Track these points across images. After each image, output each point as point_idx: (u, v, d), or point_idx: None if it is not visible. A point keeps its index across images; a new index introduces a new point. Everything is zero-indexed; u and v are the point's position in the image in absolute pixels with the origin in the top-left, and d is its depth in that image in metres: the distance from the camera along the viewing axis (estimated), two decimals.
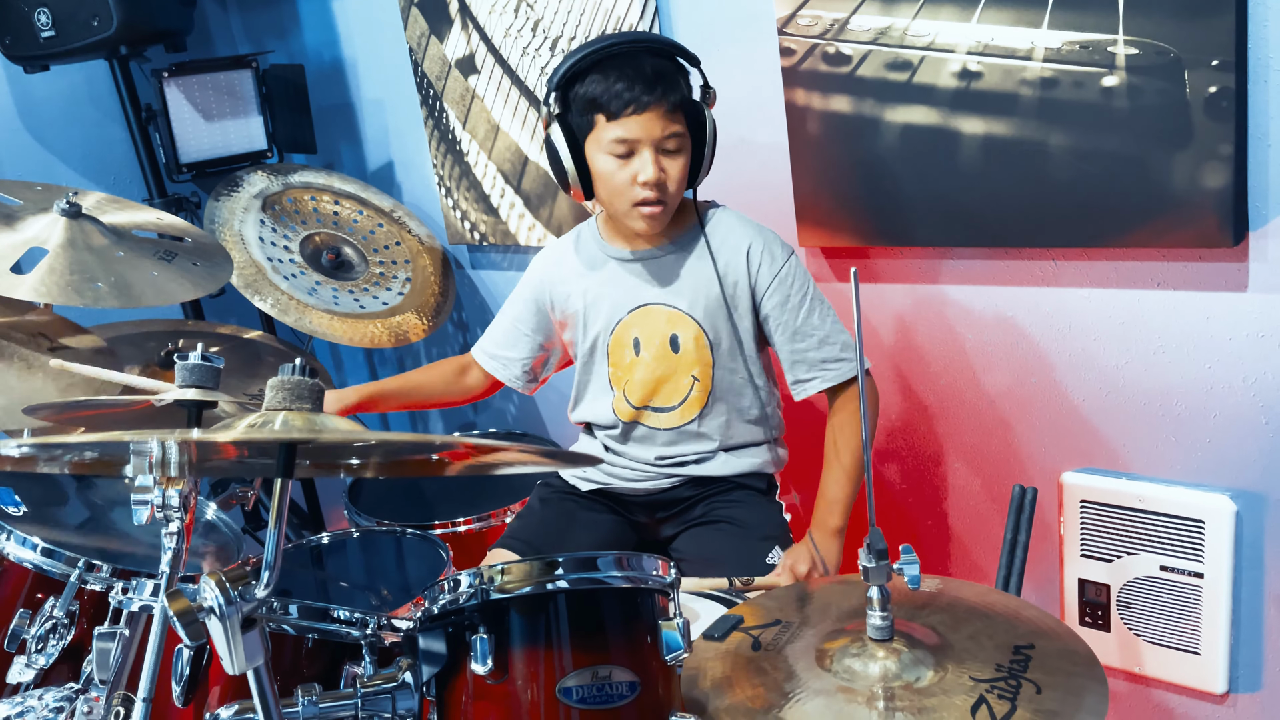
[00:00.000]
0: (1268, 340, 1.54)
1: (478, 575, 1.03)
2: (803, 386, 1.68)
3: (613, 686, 1.00)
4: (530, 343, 1.87)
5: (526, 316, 1.85)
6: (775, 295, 1.66)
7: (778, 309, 1.66)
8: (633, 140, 1.56)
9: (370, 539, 2.05)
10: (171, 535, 1.06)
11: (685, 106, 1.58)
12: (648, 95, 1.53)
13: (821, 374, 1.67)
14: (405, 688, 1.04)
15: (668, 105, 1.55)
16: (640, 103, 1.54)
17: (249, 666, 0.85)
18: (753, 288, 1.66)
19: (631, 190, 1.59)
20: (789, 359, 1.68)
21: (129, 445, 0.91)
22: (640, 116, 1.55)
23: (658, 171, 1.57)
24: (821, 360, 1.66)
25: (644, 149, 1.56)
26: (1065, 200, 1.61)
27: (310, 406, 0.85)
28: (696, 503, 1.76)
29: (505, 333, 1.89)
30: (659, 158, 1.57)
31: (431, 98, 2.52)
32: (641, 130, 1.55)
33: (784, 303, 1.66)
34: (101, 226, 1.85)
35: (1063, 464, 1.80)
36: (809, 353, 1.67)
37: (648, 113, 1.54)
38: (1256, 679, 1.68)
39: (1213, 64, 1.43)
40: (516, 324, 1.87)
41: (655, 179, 1.57)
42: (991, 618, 1.15)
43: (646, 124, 1.55)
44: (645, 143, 1.56)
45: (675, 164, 1.59)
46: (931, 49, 1.67)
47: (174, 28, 2.44)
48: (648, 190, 1.58)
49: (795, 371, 1.68)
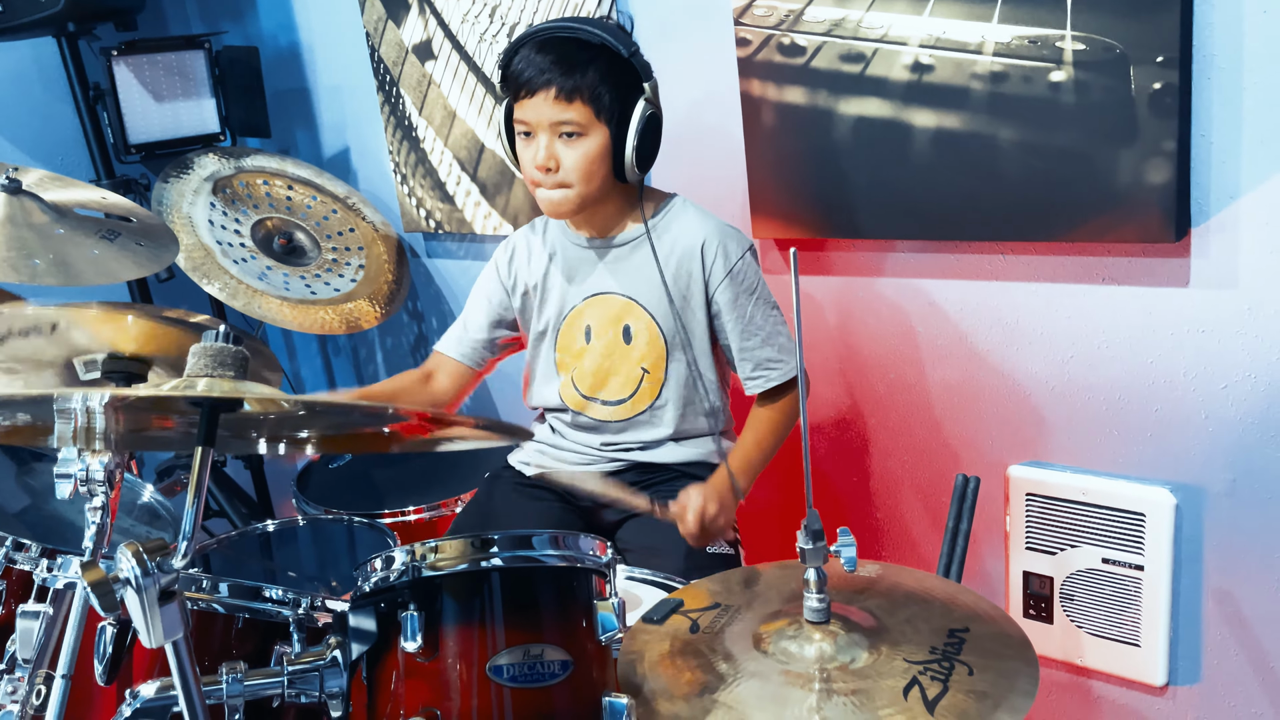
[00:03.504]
0: (1208, 336, 1.56)
1: (410, 552, 1.01)
2: (747, 384, 1.70)
3: (544, 665, 0.99)
4: (501, 319, 1.84)
5: (495, 298, 1.83)
6: (727, 291, 1.66)
7: (729, 306, 1.66)
8: (528, 122, 1.58)
9: (318, 527, 2.02)
10: (95, 510, 1.03)
11: (595, 94, 1.55)
12: (539, 79, 1.54)
13: (765, 374, 1.68)
14: (334, 666, 1.02)
15: (560, 89, 1.54)
16: (532, 86, 1.55)
17: (167, 640, 0.83)
18: (706, 282, 1.66)
19: (529, 170, 1.61)
20: (738, 355, 1.69)
21: (54, 407, 0.89)
22: (532, 100, 1.55)
23: (547, 156, 1.57)
24: (766, 360, 1.68)
25: (539, 132, 1.57)
26: (1013, 194, 1.62)
27: (234, 374, 0.83)
28: (642, 490, 1.75)
29: (478, 311, 1.84)
30: (554, 142, 1.57)
31: (388, 84, 2.50)
32: (534, 113, 1.56)
33: (734, 301, 1.66)
34: (42, 203, 1.81)
35: (1009, 457, 1.81)
36: (755, 350, 1.68)
37: (538, 96, 1.55)
38: (1195, 671, 1.71)
39: (1158, 60, 1.45)
40: (489, 299, 1.83)
41: (542, 163, 1.57)
42: (929, 602, 1.16)
43: (538, 107, 1.55)
44: (538, 126, 1.57)
45: (572, 151, 1.57)
46: (884, 41, 1.67)
47: (124, 5, 2.39)
48: (539, 173, 1.58)
49: (743, 369, 1.69)
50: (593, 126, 1.56)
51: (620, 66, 1.56)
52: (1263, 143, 1.44)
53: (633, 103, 1.57)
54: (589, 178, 1.59)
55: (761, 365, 1.68)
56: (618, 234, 1.70)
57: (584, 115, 1.55)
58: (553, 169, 1.57)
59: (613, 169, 1.60)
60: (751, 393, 1.70)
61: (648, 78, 1.58)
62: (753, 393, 1.70)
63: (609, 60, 1.55)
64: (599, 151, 1.57)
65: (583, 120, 1.55)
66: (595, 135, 1.57)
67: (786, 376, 1.67)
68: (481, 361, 1.85)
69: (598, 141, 1.57)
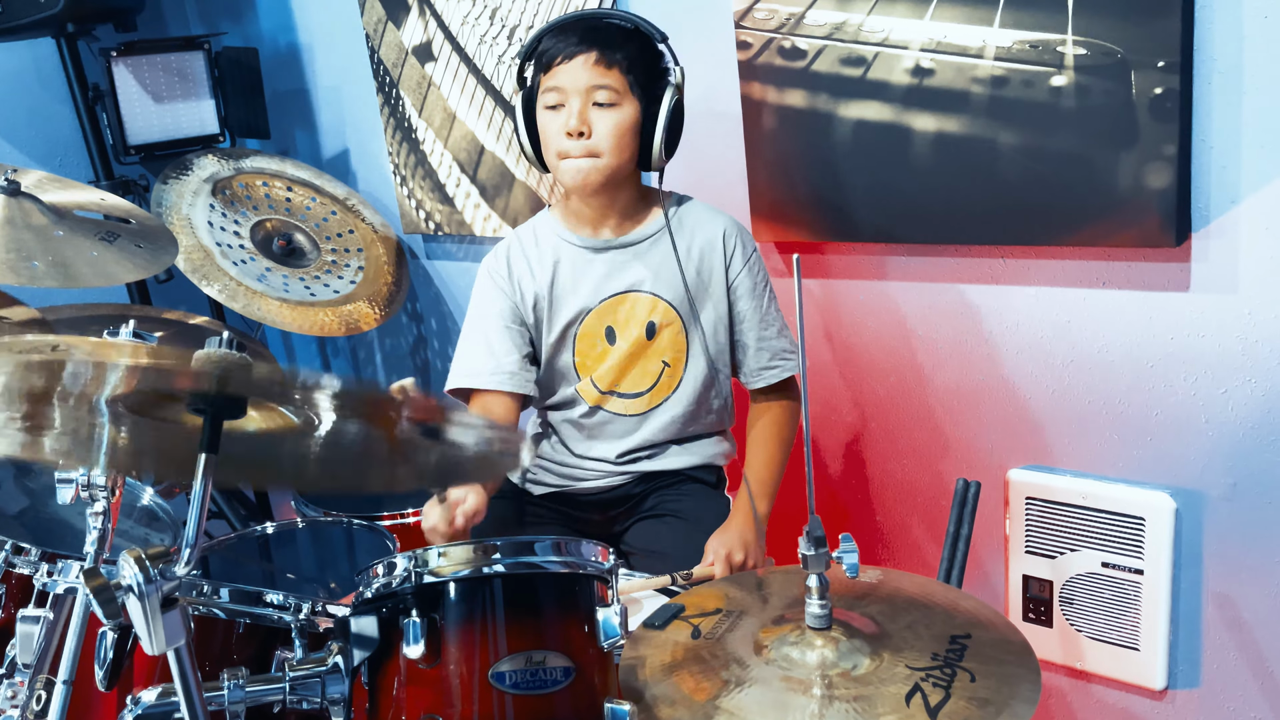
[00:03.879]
0: (1207, 340, 1.56)
1: (413, 558, 1.01)
2: (761, 375, 1.69)
3: (547, 672, 0.99)
4: (523, 336, 1.71)
5: (508, 312, 1.70)
6: (746, 281, 1.66)
7: (748, 295, 1.67)
8: (560, 89, 1.55)
9: (318, 529, 2.02)
10: (97, 515, 1.03)
11: (631, 67, 1.55)
12: (578, 44, 1.53)
13: (782, 364, 1.69)
14: (336, 672, 1.02)
15: (600, 54, 1.53)
16: (570, 51, 1.53)
17: (169, 647, 0.83)
18: (726, 270, 1.67)
19: (558, 140, 1.57)
20: (755, 345, 1.68)
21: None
22: (568, 64, 1.54)
23: (580, 120, 1.54)
24: (782, 350, 1.69)
25: (571, 98, 1.55)
26: (1014, 198, 1.62)
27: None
28: (646, 496, 1.75)
29: (500, 338, 1.69)
30: (588, 109, 1.55)
31: (388, 85, 2.49)
32: (568, 78, 1.54)
33: (753, 289, 1.67)
34: (41, 205, 1.81)
35: (1008, 460, 1.81)
36: (772, 341, 1.69)
37: (575, 59, 1.53)
38: (1195, 675, 1.71)
39: (1159, 65, 1.45)
40: (505, 324, 1.69)
41: (576, 127, 1.54)
42: (930, 608, 1.16)
43: (574, 71, 1.54)
44: (572, 91, 1.55)
45: (606, 118, 1.55)
46: (885, 45, 1.67)
47: (124, 6, 2.39)
48: (569, 141, 1.55)
49: (760, 358, 1.69)
50: (626, 98, 1.56)
51: (652, 53, 1.58)
52: (1263, 148, 1.44)
53: (663, 87, 1.57)
54: (620, 149, 1.57)
55: (778, 355, 1.69)
56: (633, 229, 1.68)
57: (620, 83, 1.55)
58: (585, 134, 1.55)
59: (639, 150, 1.59)
60: (764, 384, 1.70)
61: (675, 64, 1.59)
62: (766, 384, 1.69)
63: (642, 44, 1.57)
64: (631, 124, 1.57)
65: (619, 88, 1.55)
66: (628, 107, 1.56)
67: (798, 369, 1.68)
68: (526, 383, 1.69)
69: (630, 114, 1.56)
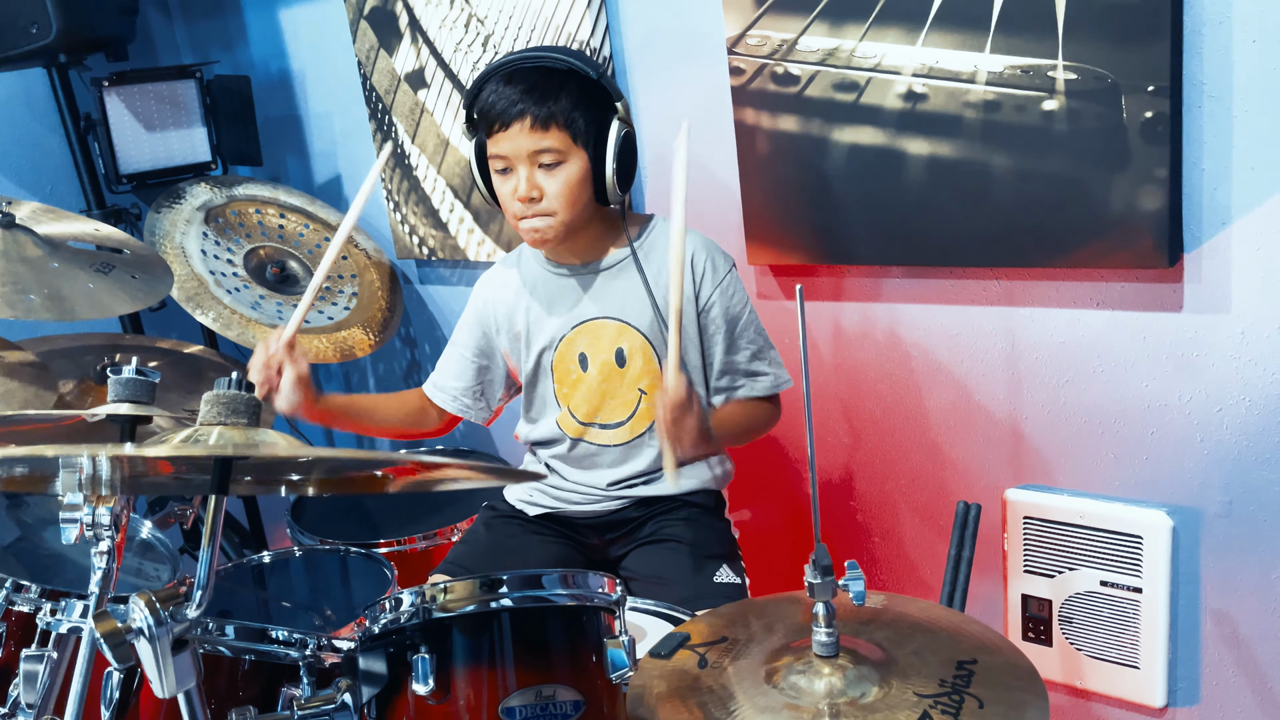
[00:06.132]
0: (1201, 359, 1.57)
1: (420, 594, 1.01)
2: (724, 394, 1.69)
3: (556, 706, 0.99)
4: (475, 369, 1.82)
5: (470, 343, 1.81)
6: (717, 305, 1.66)
7: (718, 318, 1.66)
8: (505, 156, 1.57)
9: (314, 558, 2.01)
10: (102, 555, 1.02)
11: (570, 119, 1.54)
12: (512, 110, 1.53)
13: (749, 382, 1.68)
14: (344, 709, 1.01)
15: (535, 118, 1.53)
16: (505, 118, 1.54)
17: (180, 690, 0.83)
18: (697, 294, 1.66)
19: (511, 204, 1.59)
20: (720, 367, 1.69)
21: (58, 461, 0.88)
22: (507, 132, 1.54)
23: (529, 186, 1.56)
24: (749, 371, 1.68)
25: (518, 164, 1.56)
26: (1008, 221, 1.64)
27: (246, 421, 0.83)
28: (645, 521, 1.75)
29: (453, 362, 1.84)
30: (534, 173, 1.56)
31: (380, 111, 2.50)
32: (509, 145, 1.55)
33: (724, 313, 1.66)
34: (36, 237, 1.81)
35: (1006, 480, 1.82)
36: (741, 364, 1.68)
37: (513, 127, 1.54)
38: (1195, 692, 1.71)
39: (1149, 89, 1.47)
40: (462, 352, 1.82)
41: (525, 195, 1.56)
42: (936, 633, 1.16)
43: (514, 139, 1.54)
44: (517, 158, 1.56)
45: (553, 179, 1.56)
46: (878, 70, 1.69)
47: (115, 35, 2.39)
48: (522, 205, 1.57)
49: (721, 380, 1.69)
50: (571, 152, 1.56)
51: (590, 89, 1.56)
52: (1253, 169, 1.46)
53: (607, 124, 1.57)
54: (572, 204, 1.58)
55: (742, 375, 1.68)
56: (602, 258, 1.69)
57: (562, 141, 1.55)
58: (536, 198, 1.56)
59: (594, 193, 1.60)
60: (723, 401, 1.69)
61: (618, 98, 1.58)
62: (723, 402, 1.69)
63: (579, 84, 1.56)
64: (580, 176, 1.57)
65: (561, 146, 1.55)
66: (574, 161, 1.56)
67: (770, 390, 1.68)
68: (466, 409, 1.83)
69: (577, 167, 1.57)
